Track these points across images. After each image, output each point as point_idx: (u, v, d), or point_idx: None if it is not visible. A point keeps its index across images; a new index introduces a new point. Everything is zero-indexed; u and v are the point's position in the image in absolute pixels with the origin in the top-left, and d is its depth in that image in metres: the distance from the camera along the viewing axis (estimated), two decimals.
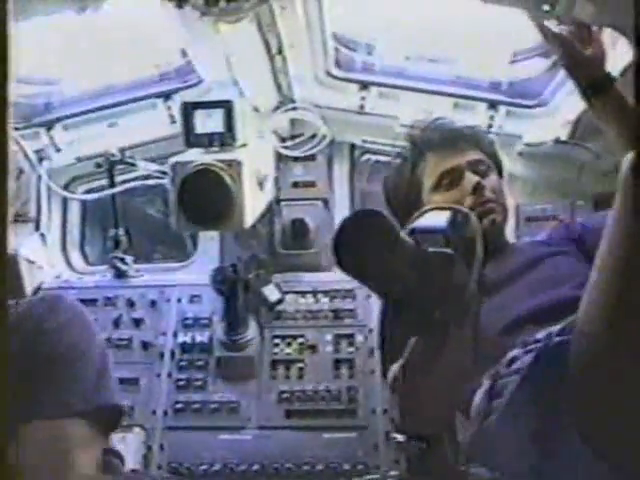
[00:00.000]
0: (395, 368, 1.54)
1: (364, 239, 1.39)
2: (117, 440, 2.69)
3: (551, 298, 2.26)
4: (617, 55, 2.69)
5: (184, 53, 3.66)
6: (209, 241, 3.84)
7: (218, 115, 2.90)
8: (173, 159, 2.85)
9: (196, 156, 2.83)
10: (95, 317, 3.49)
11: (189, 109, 2.94)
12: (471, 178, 2.64)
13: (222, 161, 2.76)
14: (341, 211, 3.84)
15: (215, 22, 2.64)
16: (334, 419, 3.31)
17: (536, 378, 1.62)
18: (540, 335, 1.84)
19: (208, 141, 2.90)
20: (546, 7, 2.32)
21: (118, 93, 3.86)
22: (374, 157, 3.88)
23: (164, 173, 3.35)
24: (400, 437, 1.62)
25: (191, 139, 2.92)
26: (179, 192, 2.76)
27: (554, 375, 1.56)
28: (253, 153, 3.01)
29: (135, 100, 3.82)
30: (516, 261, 2.54)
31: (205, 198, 2.75)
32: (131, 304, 3.65)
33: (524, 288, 2.37)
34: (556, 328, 1.73)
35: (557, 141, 3.41)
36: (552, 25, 2.49)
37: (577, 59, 2.50)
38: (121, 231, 3.78)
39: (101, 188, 3.84)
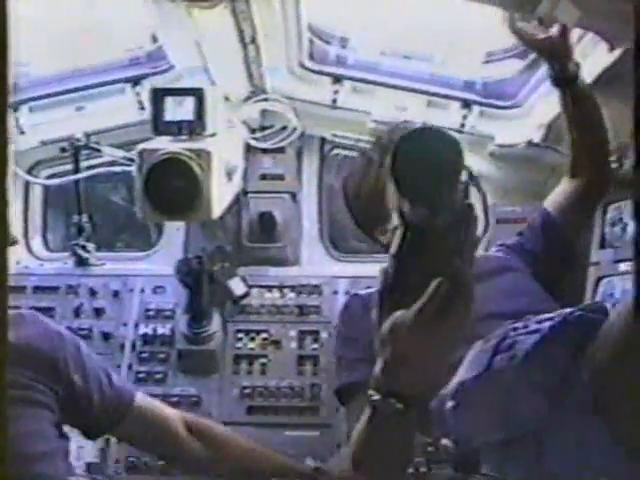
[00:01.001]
0: (399, 316, 1.47)
1: (435, 155, 1.37)
2: (74, 433, 2.63)
3: (515, 305, 2.28)
4: (596, 59, 2.69)
5: (155, 38, 3.58)
6: (174, 231, 3.76)
7: (188, 103, 2.85)
8: (140, 146, 2.80)
9: (164, 144, 2.78)
10: (56, 305, 3.46)
11: (159, 95, 2.89)
12: None
13: (191, 150, 2.72)
14: (309, 205, 3.82)
15: (188, 7, 2.57)
16: (296, 416, 3.29)
17: (558, 339, 1.62)
18: (547, 315, 1.85)
19: (177, 129, 2.85)
20: (528, 7, 2.30)
21: (86, 76, 3.77)
22: (344, 152, 3.83)
23: (130, 160, 3.27)
24: (376, 395, 1.57)
25: (160, 126, 2.87)
26: (145, 180, 2.71)
27: (573, 340, 1.58)
28: (222, 143, 2.96)
29: (103, 84, 3.73)
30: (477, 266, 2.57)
31: (172, 187, 2.70)
32: (93, 293, 3.59)
33: (489, 291, 2.38)
34: (569, 309, 1.74)
35: (530, 143, 3.40)
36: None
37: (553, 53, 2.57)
38: (84, 218, 3.69)
39: (65, 173, 3.74)
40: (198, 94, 2.85)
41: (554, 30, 2.49)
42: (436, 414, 1.75)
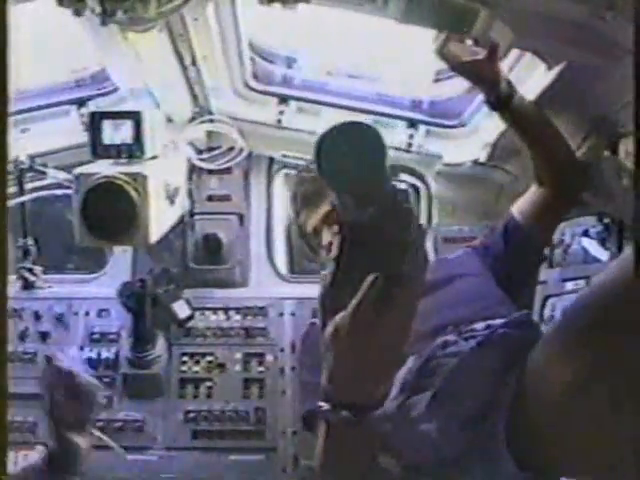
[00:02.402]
0: (338, 318, 1.43)
1: (355, 146, 1.37)
2: (20, 458, 2.59)
3: (464, 314, 2.26)
4: (536, 79, 2.69)
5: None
6: (121, 253, 3.72)
7: (127, 126, 2.82)
8: (77, 170, 2.76)
9: (102, 168, 2.75)
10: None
11: (97, 119, 2.85)
12: (326, 237, 2.72)
13: (127, 174, 2.68)
14: (257, 226, 3.78)
15: (123, 30, 2.55)
16: (242, 440, 3.26)
17: (477, 362, 1.63)
18: (478, 325, 1.83)
19: (116, 152, 2.82)
20: (463, 29, 2.30)
21: (32, 98, 3.72)
22: (292, 172, 3.80)
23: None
24: (326, 405, 1.51)
25: (98, 150, 2.84)
26: (82, 204, 2.68)
27: (494, 363, 1.59)
28: (163, 166, 2.93)
29: (49, 106, 3.69)
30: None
31: (108, 212, 2.67)
32: (37, 317, 3.55)
33: (440, 300, 2.36)
34: (498, 321, 1.77)
35: (476, 162, 3.40)
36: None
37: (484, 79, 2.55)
38: (30, 241, 3.64)
39: (11, 195, 3.69)
40: (136, 117, 2.81)
41: (481, 54, 2.47)
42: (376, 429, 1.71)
